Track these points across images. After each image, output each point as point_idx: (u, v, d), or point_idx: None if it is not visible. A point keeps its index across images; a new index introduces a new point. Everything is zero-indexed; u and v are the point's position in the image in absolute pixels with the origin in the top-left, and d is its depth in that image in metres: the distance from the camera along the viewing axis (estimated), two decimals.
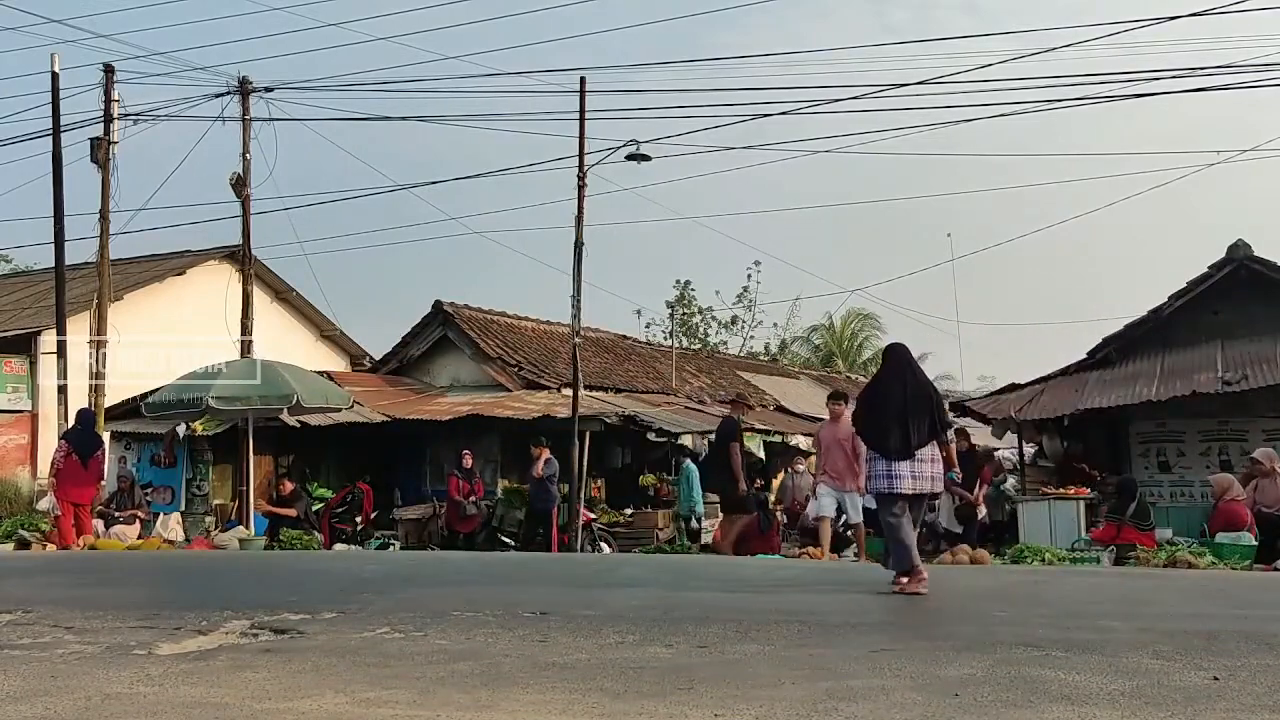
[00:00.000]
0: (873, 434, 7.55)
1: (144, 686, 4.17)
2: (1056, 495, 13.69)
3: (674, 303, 35.45)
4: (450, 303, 19.66)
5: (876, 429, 7.48)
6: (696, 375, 23.25)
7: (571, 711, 3.68)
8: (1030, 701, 3.75)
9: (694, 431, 17.01)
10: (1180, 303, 15.38)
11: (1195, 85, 16.78)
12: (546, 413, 15.83)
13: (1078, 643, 4.93)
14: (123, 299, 19.73)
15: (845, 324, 39.89)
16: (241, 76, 17.80)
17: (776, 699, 3.81)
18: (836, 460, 11.11)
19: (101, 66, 17.76)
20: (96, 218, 17.69)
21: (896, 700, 3.78)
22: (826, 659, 4.62)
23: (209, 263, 22.32)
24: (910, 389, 7.50)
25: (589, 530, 14.96)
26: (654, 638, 5.17)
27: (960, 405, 17.78)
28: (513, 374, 18.43)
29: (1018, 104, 20.67)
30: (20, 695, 4.01)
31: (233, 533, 14.58)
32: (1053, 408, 14.63)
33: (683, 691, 3.95)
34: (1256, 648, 4.81)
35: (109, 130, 17.53)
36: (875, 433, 7.50)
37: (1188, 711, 3.58)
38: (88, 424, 13.97)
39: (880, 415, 7.47)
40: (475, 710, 3.72)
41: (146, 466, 17.09)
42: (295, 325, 24.51)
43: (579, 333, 16.10)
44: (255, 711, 3.73)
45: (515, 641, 5.12)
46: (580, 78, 16.50)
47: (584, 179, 16.18)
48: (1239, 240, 15.19)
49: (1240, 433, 14.10)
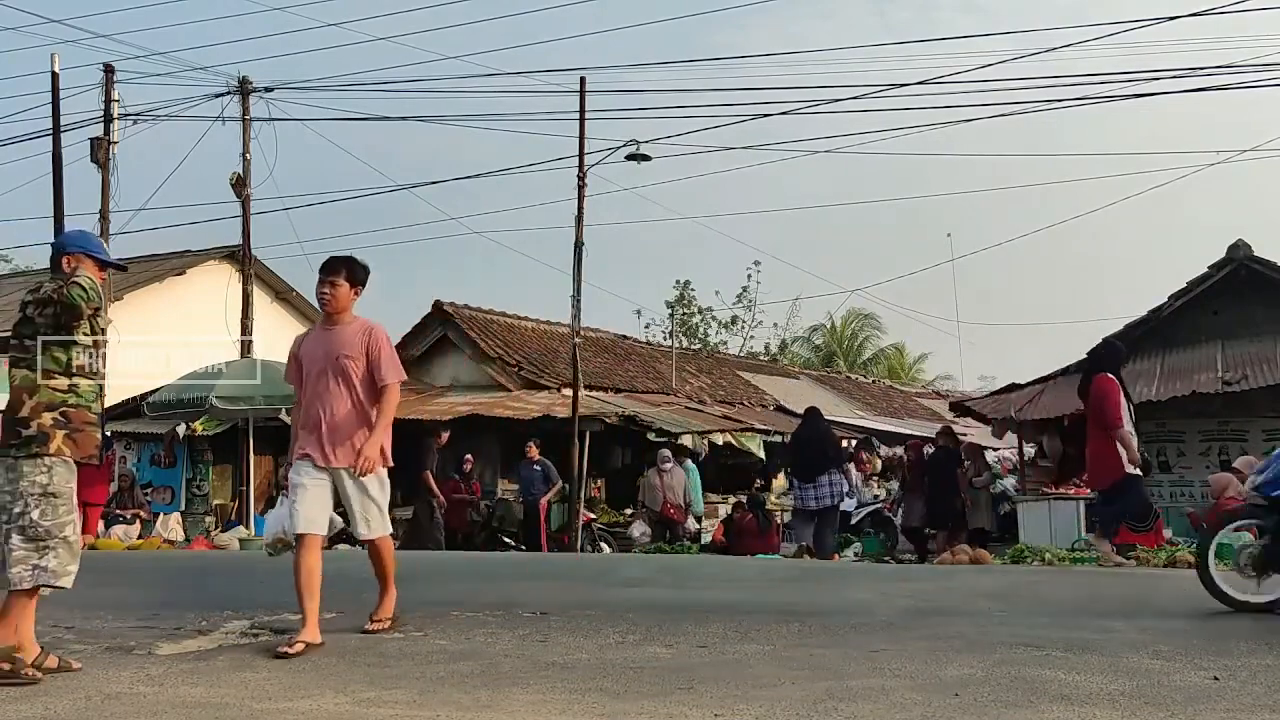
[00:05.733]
0: (793, 467, 12.03)
1: (144, 686, 4.17)
2: (1056, 495, 13.70)
3: (674, 303, 35.42)
4: (450, 303, 19.65)
5: (794, 464, 12.06)
6: (696, 375, 23.24)
7: (571, 711, 3.68)
8: (1030, 701, 3.75)
9: (694, 431, 17.00)
10: (1180, 303, 15.36)
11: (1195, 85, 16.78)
12: (546, 413, 15.82)
13: (1078, 643, 4.93)
14: (123, 299, 19.71)
15: (845, 324, 39.89)
16: (241, 76, 17.84)
17: (776, 699, 3.81)
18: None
19: (101, 66, 17.77)
20: (96, 218, 17.69)
21: (896, 700, 3.78)
22: (826, 659, 4.62)
23: (209, 263, 22.31)
24: (815, 436, 12.24)
25: (589, 530, 14.96)
26: (654, 638, 5.17)
27: (960, 405, 17.79)
28: (512, 374, 18.43)
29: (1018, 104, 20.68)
30: (20, 695, 4.02)
31: (233, 533, 14.59)
32: (1053, 408, 14.62)
33: (683, 691, 3.95)
34: (1256, 648, 4.81)
35: (109, 130, 17.53)
36: (794, 466, 11.85)
37: (1188, 711, 3.58)
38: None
39: (795, 454, 12.20)
40: (475, 710, 3.72)
41: (146, 466, 17.10)
42: (295, 325, 24.45)
43: (579, 333, 16.10)
44: (255, 711, 3.73)
45: (515, 641, 5.13)
46: (580, 78, 16.52)
47: (584, 179, 16.18)
48: (1239, 240, 15.17)
49: (1240, 433, 14.09)
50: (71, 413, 4.52)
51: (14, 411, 4.45)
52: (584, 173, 16.19)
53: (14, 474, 4.40)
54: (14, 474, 4.40)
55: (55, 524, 4.38)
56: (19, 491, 4.37)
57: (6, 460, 4.44)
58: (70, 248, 4.78)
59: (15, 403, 4.46)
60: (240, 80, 17.75)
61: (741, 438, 18.07)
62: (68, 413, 4.51)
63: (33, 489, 4.36)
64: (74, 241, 4.86)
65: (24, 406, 4.44)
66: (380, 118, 26.83)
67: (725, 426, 18.44)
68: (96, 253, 4.86)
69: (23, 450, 4.40)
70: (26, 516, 4.34)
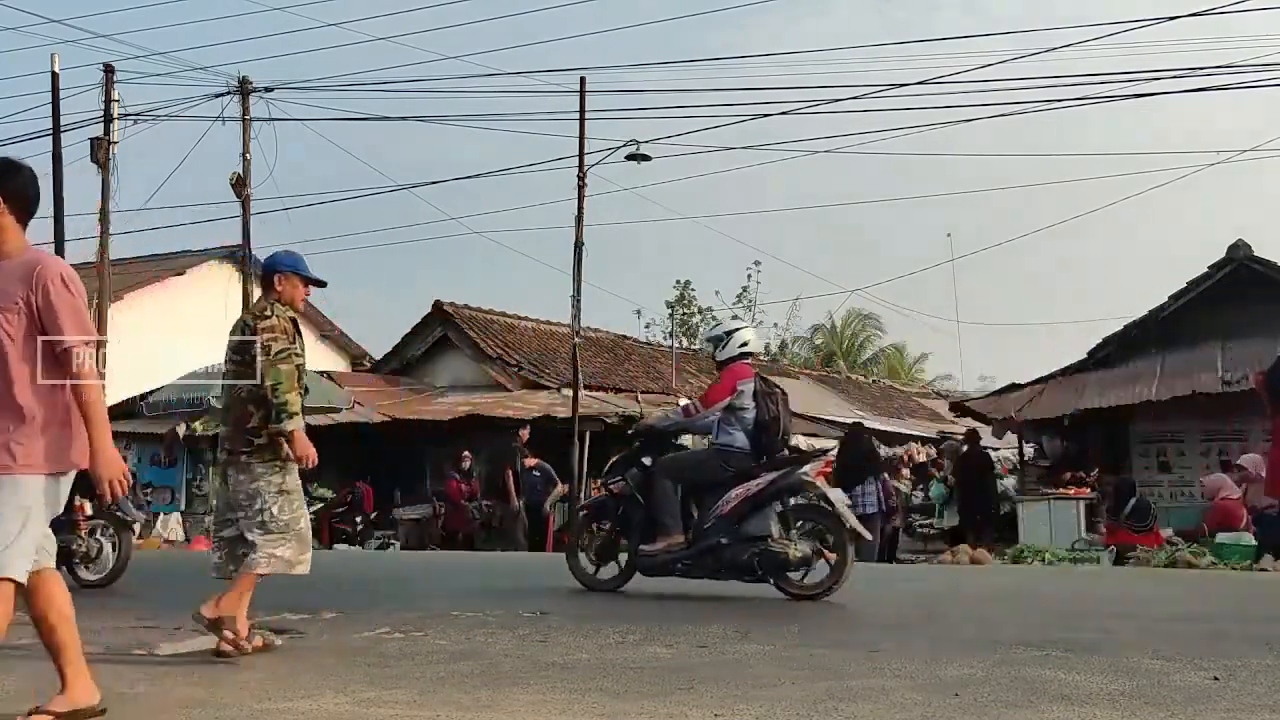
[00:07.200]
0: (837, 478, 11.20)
1: (144, 686, 4.17)
2: (1056, 495, 13.71)
3: (674, 303, 35.38)
4: (450, 303, 19.65)
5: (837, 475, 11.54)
6: (696, 375, 23.22)
7: (571, 711, 3.68)
8: (1030, 701, 3.75)
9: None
10: (1180, 303, 15.37)
11: (1195, 85, 16.73)
12: (546, 413, 15.83)
13: (1078, 643, 4.93)
14: (123, 299, 19.71)
15: (845, 324, 39.89)
16: (241, 76, 17.80)
17: (776, 699, 3.81)
18: None
19: (101, 66, 17.71)
20: (96, 218, 17.66)
21: (896, 700, 3.78)
22: (826, 659, 4.62)
23: (209, 263, 22.30)
24: (855, 450, 12.84)
25: None
26: (654, 638, 5.17)
27: (960, 405, 17.80)
28: (512, 374, 18.43)
29: (1018, 104, 20.63)
30: (20, 695, 4.01)
31: None
32: (1053, 408, 14.64)
33: (683, 691, 3.95)
34: (1256, 648, 4.81)
35: (109, 130, 17.50)
36: (837, 478, 11.26)
37: (1188, 711, 3.58)
38: None
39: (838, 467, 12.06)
40: (475, 710, 3.72)
41: (146, 466, 17.09)
42: None
43: (579, 333, 16.10)
44: (255, 711, 3.73)
45: (515, 641, 5.13)
46: (580, 78, 16.53)
47: (584, 179, 16.19)
48: (1239, 240, 15.19)
49: (1240, 433, 14.10)
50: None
51: (245, 422, 4.92)
52: (584, 173, 16.20)
53: (246, 475, 4.87)
54: (246, 475, 4.87)
55: (292, 518, 4.89)
56: (256, 491, 4.84)
57: (239, 463, 4.90)
58: (282, 267, 5.17)
59: (244, 414, 4.93)
60: (240, 80, 17.73)
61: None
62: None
63: (269, 488, 4.85)
64: (285, 262, 5.21)
65: (252, 418, 4.90)
66: (380, 118, 26.70)
67: None
68: (304, 271, 5.22)
69: (258, 455, 4.88)
70: (267, 512, 4.83)
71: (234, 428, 4.98)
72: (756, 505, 6.55)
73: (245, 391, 4.94)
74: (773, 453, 6.81)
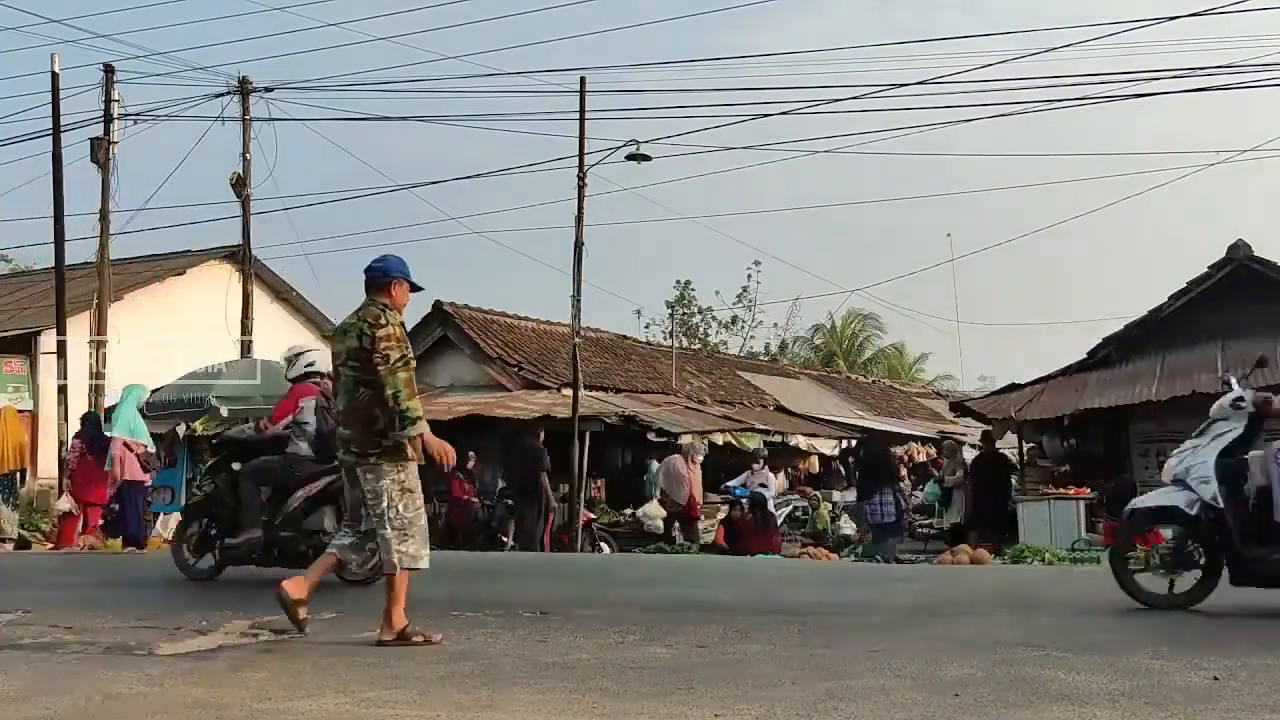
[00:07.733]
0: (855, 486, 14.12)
1: (144, 686, 4.17)
2: (1057, 495, 13.70)
3: (674, 303, 35.39)
4: (450, 303, 19.64)
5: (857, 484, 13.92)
6: (696, 375, 23.24)
7: (571, 711, 3.68)
8: (1030, 701, 3.75)
9: (694, 431, 17.01)
10: (1180, 303, 15.36)
11: (1195, 85, 16.72)
12: (546, 413, 15.82)
13: (1078, 643, 4.93)
14: (123, 299, 19.68)
15: (845, 324, 39.90)
16: (241, 76, 17.78)
17: (776, 699, 3.81)
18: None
19: (101, 66, 17.69)
20: (96, 218, 17.64)
21: (896, 700, 3.78)
22: (826, 659, 4.63)
23: (209, 263, 22.27)
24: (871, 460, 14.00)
25: (589, 530, 14.95)
26: (654, 638, 5.17)
27: (960, 405, 17.79)
28: (513, 374, 18.42)
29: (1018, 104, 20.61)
30: (20, 695, 4.02)
31: None
32: (1053, 408, 14.63)
33: (683, 691, 3.95)
34: (1256, 648, 4.81)
35: (109, 130, 17.48)
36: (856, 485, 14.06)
37: (1188, 711, 3.58)
38: (97, 424, 14.00)
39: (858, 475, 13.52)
40: (475, 710, 3.72)
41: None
42: (295, 325, 24.43)
43: (579, 333, 16.09)
44: (255, 711, 3.73)
45: (515, 641, 5.13)
46: (580, 78, 16.51)
47: (584, 179, 16.18)
48: (1239, 240, 15.18)
49: None
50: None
51: (371, 424, 5.14)
52: (584, 173, 16.19)
53: (374, 474, 5.12)
54: (374, 474, 5.12)
55: (415, 514, 5.16)
56: (382, 489, 5.09)
57: (367, 463, 5.14)
58: (394, 273, 5.33)
59: (370, 416, 5.14)
60: (240, 80, 17.71)
61: (741, 438, 18.07)
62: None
63: (394, 486, 5.11)
64: (396, 268, 5.37)
65: (379, 420, 5.11)
66: (380, 118, 26.71)
67: (725, 426, 18.45)
68: (410, 277, 5.42)
69: (384, 456, 5.11)
70: (393, 509, 5.09)
71: (361, 430, 5.17)
72: (316, 503, 7.39)
73: (369, 395, 5.14)
74: (333, 458, 7.24)
